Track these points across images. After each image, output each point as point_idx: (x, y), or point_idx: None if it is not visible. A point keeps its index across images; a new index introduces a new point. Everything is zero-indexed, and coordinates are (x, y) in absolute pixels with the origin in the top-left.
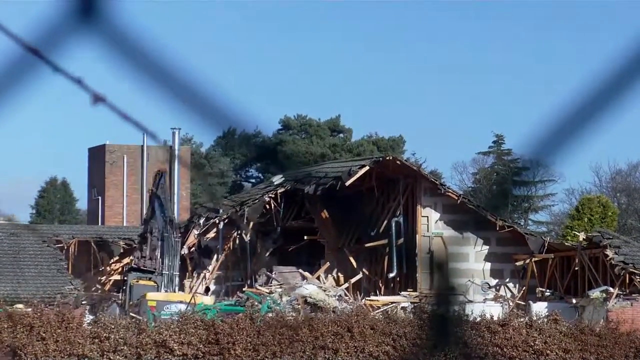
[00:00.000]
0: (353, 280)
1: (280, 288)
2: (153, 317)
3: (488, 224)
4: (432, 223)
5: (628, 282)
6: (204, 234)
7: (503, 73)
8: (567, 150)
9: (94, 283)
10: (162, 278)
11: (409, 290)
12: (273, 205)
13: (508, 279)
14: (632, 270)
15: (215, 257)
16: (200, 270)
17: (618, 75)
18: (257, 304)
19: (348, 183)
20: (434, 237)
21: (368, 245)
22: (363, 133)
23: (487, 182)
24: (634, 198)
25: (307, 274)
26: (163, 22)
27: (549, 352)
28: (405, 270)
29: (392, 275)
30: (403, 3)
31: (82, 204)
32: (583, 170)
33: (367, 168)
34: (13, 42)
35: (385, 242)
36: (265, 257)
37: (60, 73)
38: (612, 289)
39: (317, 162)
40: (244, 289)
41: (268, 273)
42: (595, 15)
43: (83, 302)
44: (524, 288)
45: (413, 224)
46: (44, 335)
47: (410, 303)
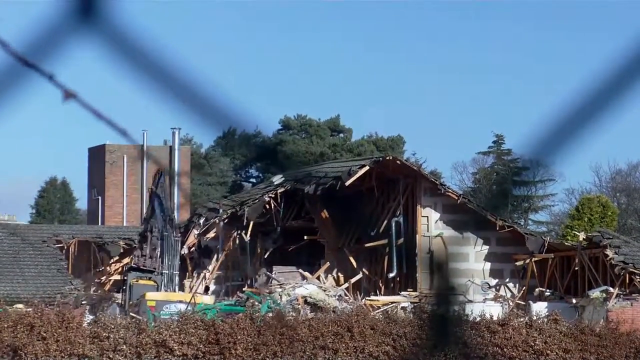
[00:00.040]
0: (353, 280)
1: (280, 288)
2: (153, 317)
3: (488, 224)
4: (432, 223)
5: (628, 282)
6: (204, 234)
7: (503, 73)
8: (567, 150)
9: (94, 283)
10: (162, 277)
11: (409, 290)
12: (273, 205)
13: (508, 279)
14: (632, 270)
15: (215, 257)
16: (200, 270)
17: (618, 75)
18: (257, 304)
19: (348, 183)
20: (434, 237)
21: (368, 245)
22: (363, 133)
23: (487, 182)
24: (634, 198)
25: (307, 274)
26: (163, 22)
27: (549, 352)
28: (405, 270)
29: (392, 275)
30: (403, 3)
31: (82, 204)
32: (583, 170)
33: (367, 168)
34: None
35: (385, 242)
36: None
37: (32, 68)
38: (612, 289)
39: (317, 162)
40: (244, 289)
41: (268, 273)
42: (595, 15)
43: (83, 302)
44: (524, 288)
45: (413, 224)
46: (44, 335)
47: (410, 303)
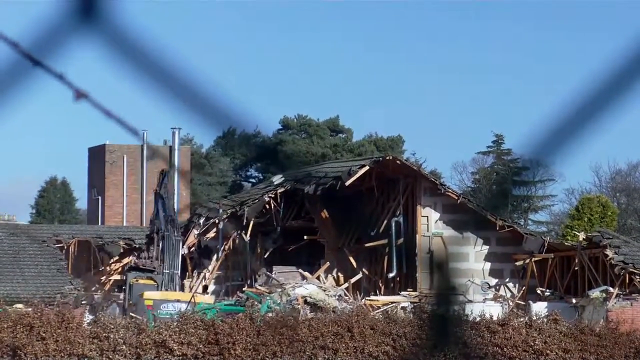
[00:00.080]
0: (353, 280)
1: (280, 288)
2: (153, 317)
3: (488, 224)
4: (432, 223)
5: (628, 282)
6: (204, 234)
7: (503, 73)
8: (567, 150)
9: (94, 283)
10: (162, 277)
11: (409, 290)
12: (273, 205)
13: (508, 279)
14: (632, 270)
15: (215, 257)
16: (200, 270)
17: (618, 75)
18: (257, 304)
19: (348, 183)
20: (434, 237)
21: (368, 245)
22: (363, 133)
23: (487, 182)
24: (634, 198)
25: (307, 274)
26: (163, 22)
27: (549, 352)
28: (405, 270)
29: (392, 275)
30: (403, 3)
31: (82, 204)
32: (583, 170)
33: (367, 168)
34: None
35: (385, 242)
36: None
37: (41, 67)
38: (612, 289)
39: (317, 162)
40: (244, 289)
41: (268, 273)
42: (595, 15)
43: (83, 302)
44: (524, 288)
45: (413, 224)
46: (44, 335)
47: (410, 303)
